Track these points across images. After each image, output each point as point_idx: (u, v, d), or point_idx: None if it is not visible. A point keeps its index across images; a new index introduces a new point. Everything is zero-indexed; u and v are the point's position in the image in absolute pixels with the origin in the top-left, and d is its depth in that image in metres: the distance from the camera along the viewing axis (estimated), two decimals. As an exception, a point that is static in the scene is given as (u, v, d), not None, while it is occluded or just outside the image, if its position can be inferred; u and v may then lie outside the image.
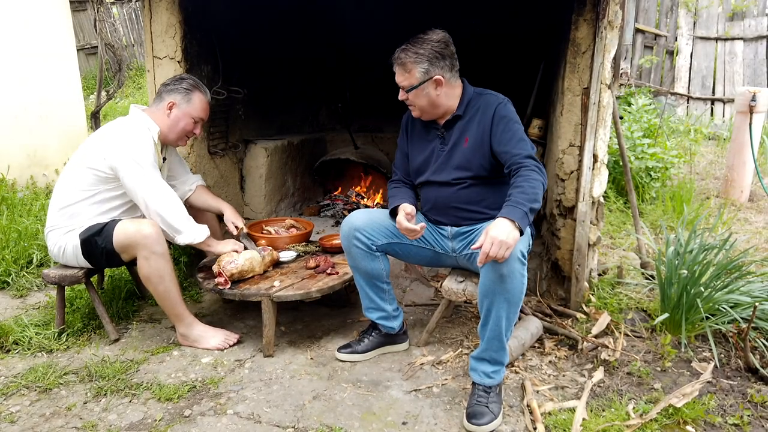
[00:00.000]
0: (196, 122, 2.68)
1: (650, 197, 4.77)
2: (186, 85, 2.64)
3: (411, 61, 2.19)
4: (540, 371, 2.39)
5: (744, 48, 8.38)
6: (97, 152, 2.49)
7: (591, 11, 2.60)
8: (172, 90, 2.63)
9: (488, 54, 3.86)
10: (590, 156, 2.64)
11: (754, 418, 2.05)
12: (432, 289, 3.18)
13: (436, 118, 2.35)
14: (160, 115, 2.61)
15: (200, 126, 2.72)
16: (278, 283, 2.56)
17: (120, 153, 2.43)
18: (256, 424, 2.05)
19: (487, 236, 1.85)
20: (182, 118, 2.62)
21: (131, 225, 2.44)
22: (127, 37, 10.78)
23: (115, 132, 2.52)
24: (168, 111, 2.61)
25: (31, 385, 2.27)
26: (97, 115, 3.48)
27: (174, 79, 2.68)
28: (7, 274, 3.26)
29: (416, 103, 2.27)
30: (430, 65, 2.19)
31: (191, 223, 2.52)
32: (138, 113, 2.60)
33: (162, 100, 2.63)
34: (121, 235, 2.43)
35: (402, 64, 2.22)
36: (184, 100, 2.62)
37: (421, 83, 2.20)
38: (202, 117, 2.69)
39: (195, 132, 2.71)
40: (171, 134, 2.64)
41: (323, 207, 4.30)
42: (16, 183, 4.87)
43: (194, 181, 2.91)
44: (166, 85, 2.67)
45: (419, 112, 2.32)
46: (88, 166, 2.49)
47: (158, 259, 2.42)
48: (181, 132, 2.65)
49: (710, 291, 2.49)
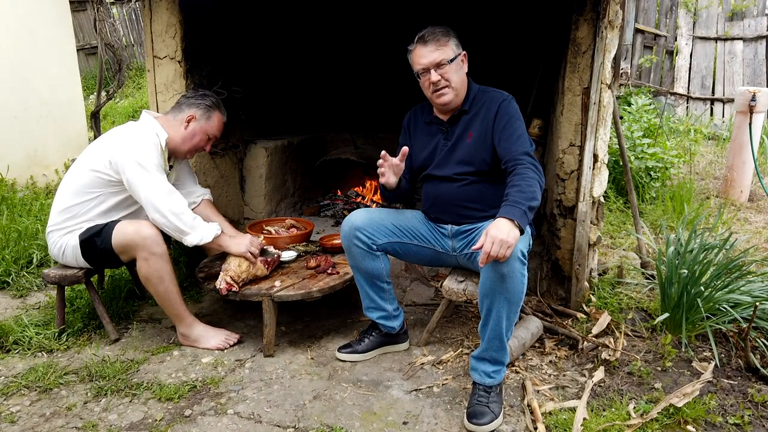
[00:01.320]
0: (209, 139, 2.71)
1: (650, 197, 4.77)
2: (209, 102, 2.67)
3: (442, 34, 2.23)
4: (540, 371, 2.39)
5: (744, 48, 8.39)
6: (102, 155, 2.48)
7: (591, 11, 2.60)
8: (194, 105, 2.64)
9: (488, 54, 3.86)
10: (590, 156, 2.64)
11: (755, 417, 2.05)
12: (432, 288, 3.18)
13: (452, 109, 2.33)
14: (176, 125, 2.61)
15: (211, 144, 2.74)
16: (279, 283, 2.56)
17: (125, 155, 2.42)
18: (257, 423, 2.04)
19: (487, 236, 1.85)
20: (198, 133, 2.64)
21: (130, 226, 2.44)
22: (127, 37, 10.77)
23: (122, 135, 2.51)
24: (186, 123, 2.62)
25: (31, 385, 2.27)
26: (97, 115, 3.47)
27: (198, 94, 2.69)
28: (7, 274, 3.26)
29: (452, 79, 2.24)
30: (458, 41, 2.25)
31: (198, 222, 2.49)
32: (149, 119, 2.60)
33: (181, 112, 2.63)
34: (120, 236, 2.43)
35: (436, 39, 2.22)
36: (204, 117, 2.64)
37: (457, 56, 2.24)
38: (216, 135, 2.73)
39: (206, 149, 2.74)
40: (184, 146, 2.64)
41: (323, 207, 4.30)
42: (16, 183, 4.87)
43: (200, 194, 2.89)
44: (188, 97, 2.68)
45: (452, 94, 2.26)
46: (91, 169, 2.49)
47: (158, 260, 2.42)
48: (193, 147, 2.67)
49: (710, 291, 2.49)
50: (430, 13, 3.24)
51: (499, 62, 3.87)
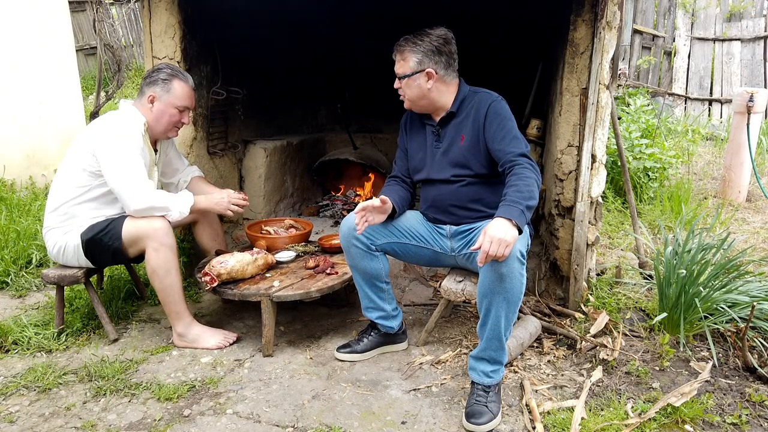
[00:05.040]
0: (181, 111, 2.61)
1: (648, 197, 4.78)
2: (164, 75, 2.57)
3: (408, 50, 2.25)
4: (539, 371, 2.40)
5: (741, 49, 8.40)
6: (85, 148, 2.48)
7: (589, 12, 2.61)
8: (151, 82, 2.57)
9: (487, 54, 3.87)
10: (588, 156, 2.65)
11: (753, 417, 2.06)
12: (431, 288, 3.19)
13: (427, 113, 2.38)
14: (144, 110, 2.58)
15: (187, 114, 2.65)
16: (278, 283, 2.57)
17: (102, 146, 2.43)
18: (256, 423, 2.05)
19: (485, 235, 1.86)
20: (165, 109, 2.56)
21: (141, 218, 2.45)
22: (126, 37, 10.77)
23: (101, 127, 2.51)
24: (150, 105, 2.56)
25: (30, 385, 2.27)
26: (97, 116, 3.48)
27: (151, 71, 2.62)
28: (6, 274, 3.26)
29: (406, 92, 2.32)
30: (424, 57, 2.24)
31: (171, 196, 2.51)
32: (126, 107, 2.59)
33: (143, 95, 2.58)
34: (132, 227, 2.44)
35: (400, 51, 2.29)
36: (164, 91, 2.55)
37: (414, 73, 2.25)
38: (186, 105, 2.60)
39: (183, 121, 2.64)
40: (158, 127, 2.60)
41: (322, 207, 4.30)
42: (15, 183, 4.87)
43: (190, 172, 2.90)
44: (145, 78, 2.61)
45: (408, 103, 2.36)
46: (78, 164, 2.49)
47: (167, 251, 2.43)
48: (167, 124, 2.60)
49: (708, 291, 2.50)
50: (430, 13, 3.25)
51: (497, 63, 3.88)
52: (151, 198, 2.43)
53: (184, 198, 2.54)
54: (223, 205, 2.64)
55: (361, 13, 4.04)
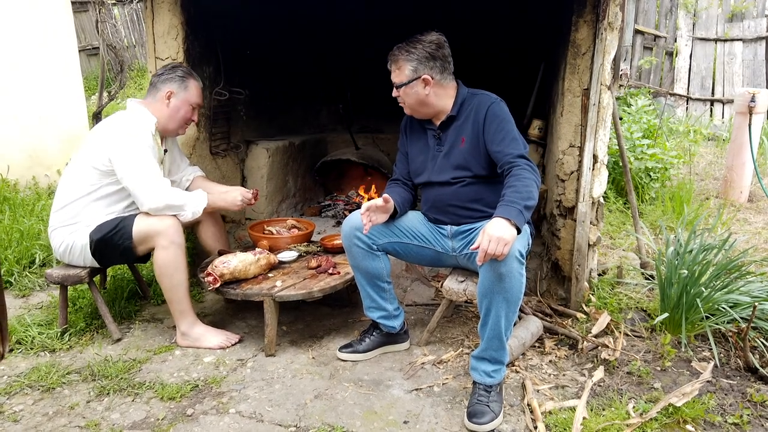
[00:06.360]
0: (194, 108, 2.72)
1: (650, 198, 4.78)
2: (180, 72, 2.67)
3: (402, 58, 2.27)
4: (540, 370, 2.40)
5: (743, 49, 8.40)
6: (96, 147, 2.51)
7: (591, 12, 2.61)
8: (168, 79, 2.65)
9: (489, 55, 3.88)
10: (590, 156, 2.66)
11: (754, 417, 2.06)
12: (433, 288, 3.19)
13: (429, 118, 2.40)
14: (158, 106, 2.63)
15: (197, 112, 2.76)
16: (280, 283, 2.57)
17: (116, 147, 2.45)
18: (258, 423, 2.06)
19: (484, 234, 1.88)
20: (182, 106, 2.66)
21: (151, 215, 2.48)
22: (129, 38, 10.78)
23: (113, 125, 2.55)
24: (167, 101, 2.63)
25: (34, 385, 2.28)
26: (99, 116, 3.49)
27: (167, 69, 2.69)
28: (10, 273, 3.27)
29: (405, 100, 2.34)
30: (419, 64, 2.25)
31: (187, 194, 2.56)
32: (135, 106, 2.63)
33: (158, 91, 2.64)
34: (143, 224, 2.46)
35: (395, 61, 2.30)
36: (182, 88, 2.65)
37: (411, 81, 2.27)
38: (198, 102, 2.73)
39: (193, 119, 2.75)
40: (171, 123, 2.66)
41: (324, 207, 4.31)
42: (18, 183, 4.88)
43: (192, 172, 2.94)
44: (159, 75, 2.68)
45: (409, 110, 2.38)
46: (88, 163, 2.51)
47: (177, 249, 2.46)
48: (181, 120, 2.69)
49: (710, 291, 2.50)
50: (430, 14, 3.26)
51: (499, 64, 3.88)
52: (168, 196, 2.47)
53: (199, 197, 2.59)
54: (238, 204, 2.71)
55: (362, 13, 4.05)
